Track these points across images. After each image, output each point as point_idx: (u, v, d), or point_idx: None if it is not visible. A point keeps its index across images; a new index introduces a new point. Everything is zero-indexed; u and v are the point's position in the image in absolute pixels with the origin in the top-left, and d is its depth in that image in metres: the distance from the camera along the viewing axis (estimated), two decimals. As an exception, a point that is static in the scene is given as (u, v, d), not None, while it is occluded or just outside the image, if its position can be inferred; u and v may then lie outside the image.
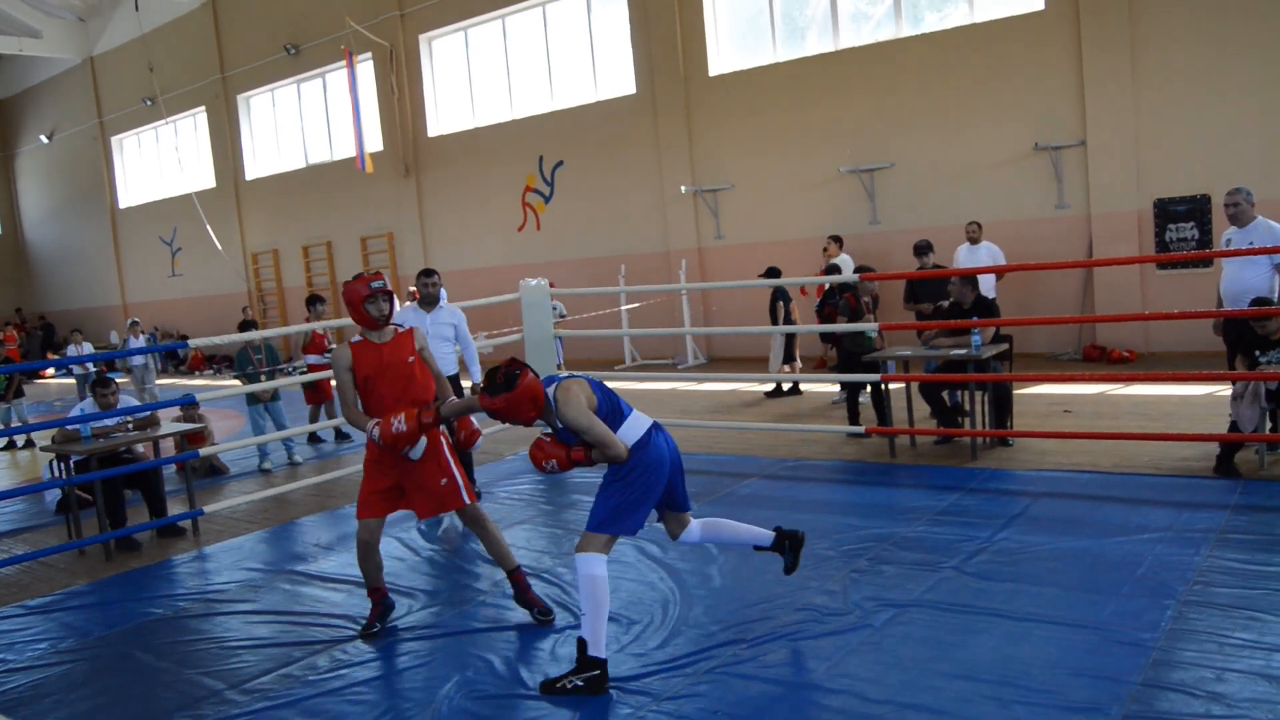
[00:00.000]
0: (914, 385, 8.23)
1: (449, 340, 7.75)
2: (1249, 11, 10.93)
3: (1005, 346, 8.22)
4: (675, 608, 5.00)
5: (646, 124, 15.96)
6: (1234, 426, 6.58)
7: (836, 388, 10.94)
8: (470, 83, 18.88)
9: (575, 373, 4.63)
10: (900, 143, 13.43)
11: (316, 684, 4.51)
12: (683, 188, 15.36)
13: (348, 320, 6.50)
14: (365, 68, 19.72)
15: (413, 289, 17.30)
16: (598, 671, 4.19)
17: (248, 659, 4.91)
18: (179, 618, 5.67)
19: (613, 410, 4.30)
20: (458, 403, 4.92)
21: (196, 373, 22.69)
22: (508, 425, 5.04)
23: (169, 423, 8.64)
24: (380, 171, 19.53)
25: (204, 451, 8.40)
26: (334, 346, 11.29)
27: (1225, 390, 7.00)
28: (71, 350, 15.76)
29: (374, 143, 19.84)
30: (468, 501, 5.04)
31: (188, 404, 9.24)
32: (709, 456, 8.57)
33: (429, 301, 7.74)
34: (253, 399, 10.02)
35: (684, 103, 15.43)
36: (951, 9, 13.27)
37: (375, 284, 4.93)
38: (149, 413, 7.92)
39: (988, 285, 11.31)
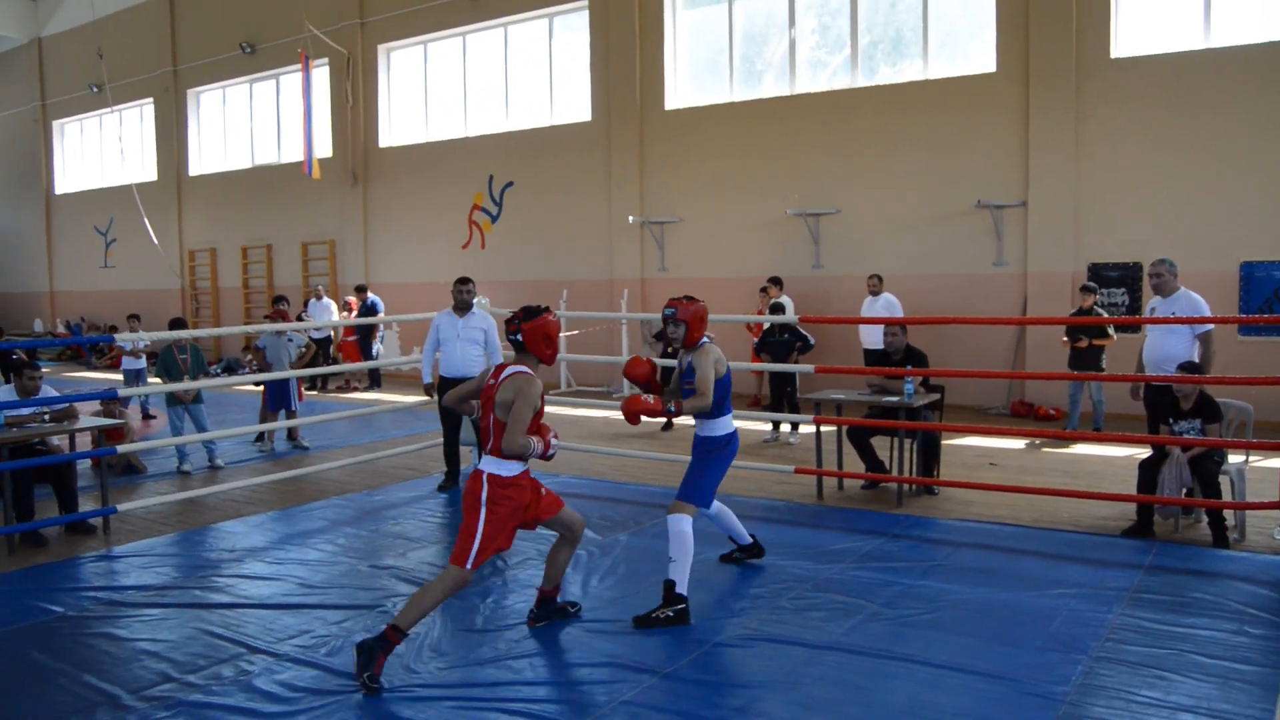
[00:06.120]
0: (844, 429, 8.29)
1: (478, 344, 8.33)
2: (1186, 97, 11.31)
3: (937, 396, 8.32)
4: (586, 639, 4.96)
5: (599, 152, 16.01)
6: (1145, 488, 6.69)
7: (768, 426, 11.02)
8: (426, 96, 18.80)
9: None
10: (848, 190, 13.62)
11: (219, 694, 4.37)
12: (630, 218, 15.40)
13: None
14: (321, 73, 19.53)
15: (350, 299, 17.21)
16: (683, 605, 5.06)
17: (149, 665, 4.75)
18: (81, 618, 5.48)
19: (725, 395, 5.41)
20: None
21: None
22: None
23: (88, 416, 8.39)
24: (327, 178, 19.29)
25: (122, 448, 8.14)
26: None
27: (1145, 453, 7.15)
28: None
29: (323, 149, 19.60)
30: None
31: (109, 398, 9.00)
32: (639, 487, 8.55)
33: (463, 307, 8.31)
34: (173, 399, 9.71)
35: (638, 134, 15.51)
36: (907, 64, 13.53)
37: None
38: (67, 404, 7.68)
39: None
